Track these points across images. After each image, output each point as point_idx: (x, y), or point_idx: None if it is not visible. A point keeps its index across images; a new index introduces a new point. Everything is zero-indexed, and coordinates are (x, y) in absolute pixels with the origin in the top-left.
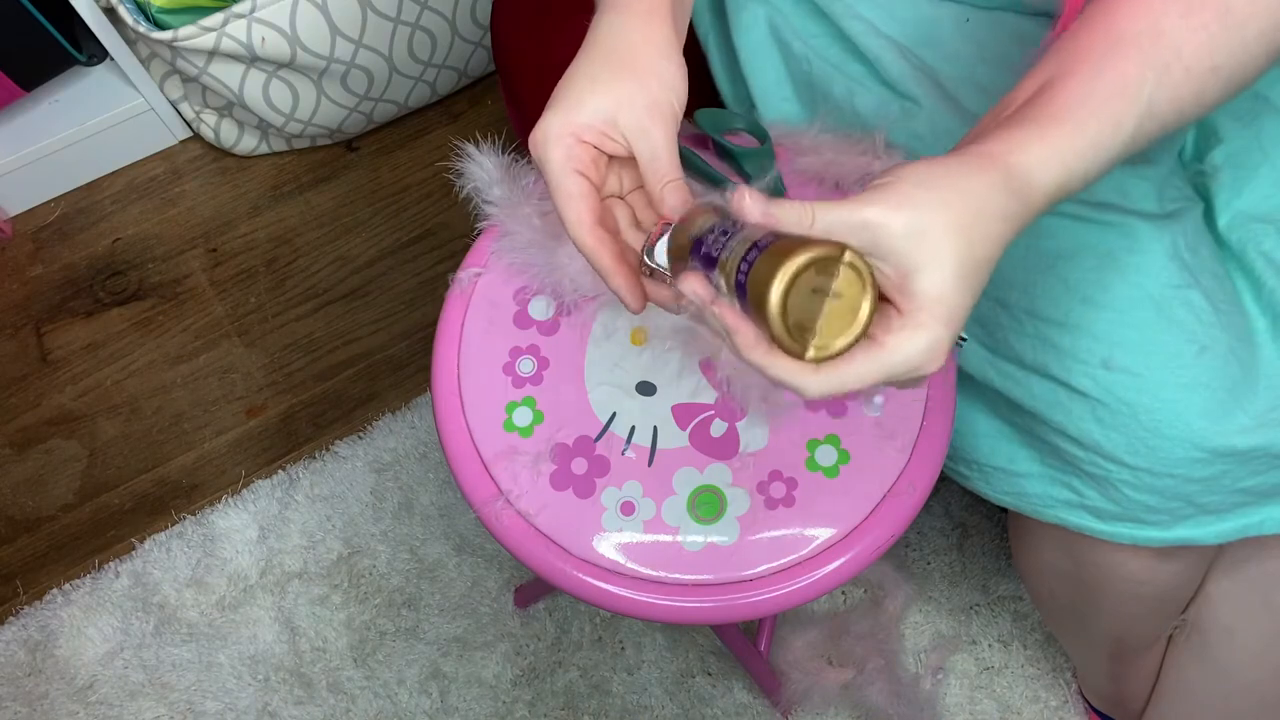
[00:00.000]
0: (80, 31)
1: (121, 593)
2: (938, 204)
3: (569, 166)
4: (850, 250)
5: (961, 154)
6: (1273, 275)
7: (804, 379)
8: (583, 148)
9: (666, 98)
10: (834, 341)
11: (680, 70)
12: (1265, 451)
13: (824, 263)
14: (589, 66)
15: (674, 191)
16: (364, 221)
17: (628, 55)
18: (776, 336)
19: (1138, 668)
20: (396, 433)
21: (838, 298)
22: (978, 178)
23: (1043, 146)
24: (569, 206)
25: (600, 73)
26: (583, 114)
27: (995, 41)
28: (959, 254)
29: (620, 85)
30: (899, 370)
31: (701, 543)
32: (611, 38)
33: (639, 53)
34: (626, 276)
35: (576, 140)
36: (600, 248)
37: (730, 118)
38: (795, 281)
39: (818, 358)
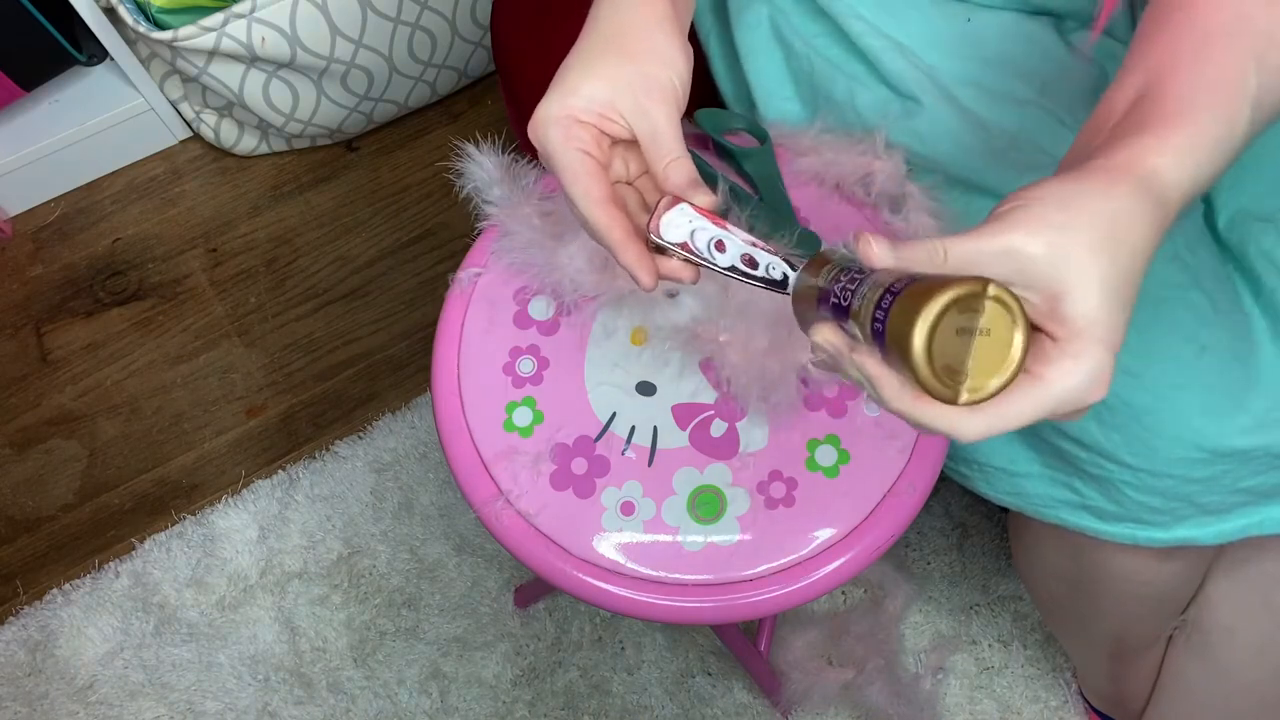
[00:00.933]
0: (80, 31)
1: (121, 593)
2: (1077, 224)
3: (570, 146)
4: (993, 284)
5: (1088, 170)
6: (1273, 275)
7: (961, 424)
8: (582, 128)
9: (665, 75)
10: (988, 382)
11: (682, 49)
12: (1265, 451)
13: (966, 300)
14: (586, 51)
15: (678, 169)
16: (364, 221)
17: (625, 37)
18: (925, 384)
19: (1138, 668)
20: (396, 433)
21: (986, 335)
22: (1113, 191)
23: (1169, 149)
24: (575, 184)
25: (597, 56)
26: (579, 98)
27: (997, 41)
28: (1106, 271)
29: (617, 67)
30: (1063, 403)
31: (701, 543)
32: (609, 21)
33: (636, 34)
34: (638, 251)
35: (574, 121)
36: (612, 223)
37: (730, 118)
38: (938, 324)
39: (971, 400)
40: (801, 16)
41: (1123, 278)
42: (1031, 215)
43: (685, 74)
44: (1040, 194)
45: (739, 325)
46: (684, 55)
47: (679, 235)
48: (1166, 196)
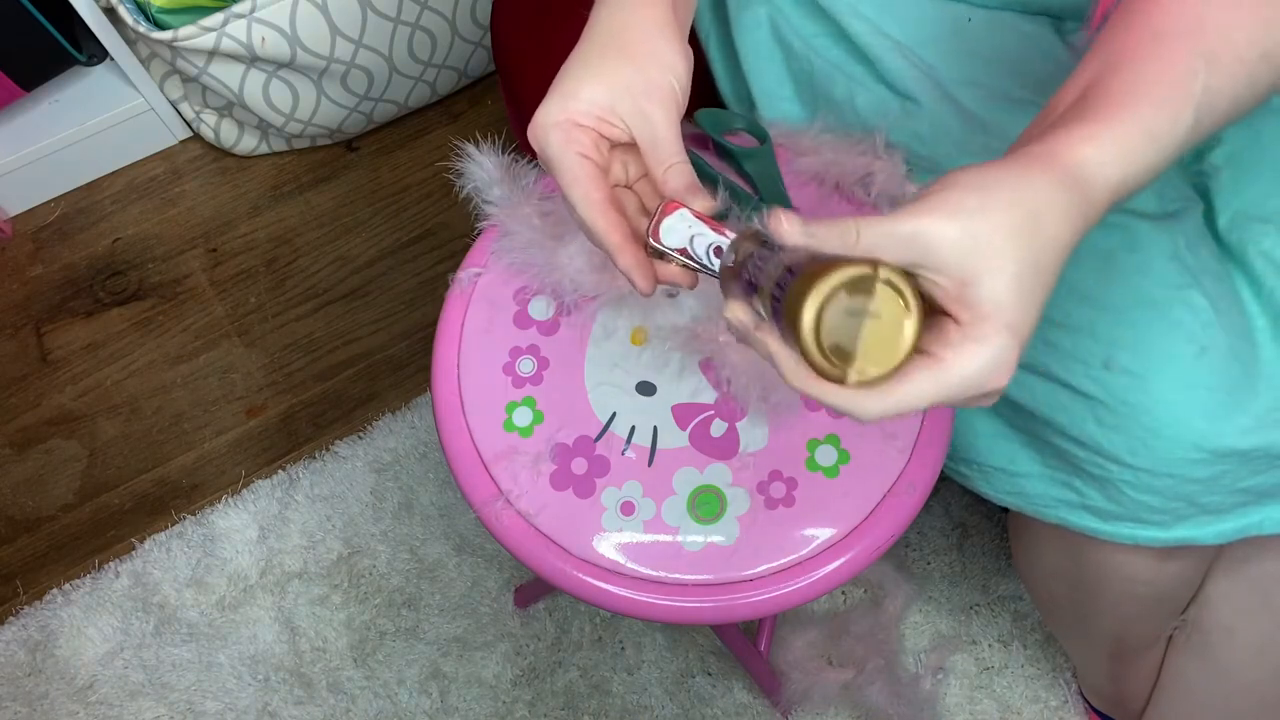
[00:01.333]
0: (80, 31)
1: (121, 593)
2: (992, 208)
3: (569, 150)
4: (885, 266)
5: (1013, 156)
6: (1273, 275)
7: (859, 403)
8: (582, 131)
9: (665, 80)
10: (875, 366)
11: (682, 53)
12: (1265, 451)
13: (857, 282)
14: (585, 54)
15: (677, 174)
16: (364, 221)
17: (624, 40)
18: (813, 363)
19: (1138, 668)
20: (396, 433)
21: (877, 318)
22: (1033, 179)
23: (1098, 140)
24: (574, 187)
25: (596, 60)
26: (579, 102)
27: (996, 41)
28: (1018, 259)
29: (616, 71)
30: (963, 387)
31: (701, 543)
32: (608, 24)
33: (635, 37)
34: (636, 255)
35: (574, 125)
36: (610, 227)
37: (730, 118)
38: (827, 304)
39: (860, 381)
40: (801, 17)
41: (1036, 267)
42: (948, 199)
43: (685, 77)
44: (961, 178)
45: None
46: (684, 58)
47: (678, 240)
48: (1092, 188)
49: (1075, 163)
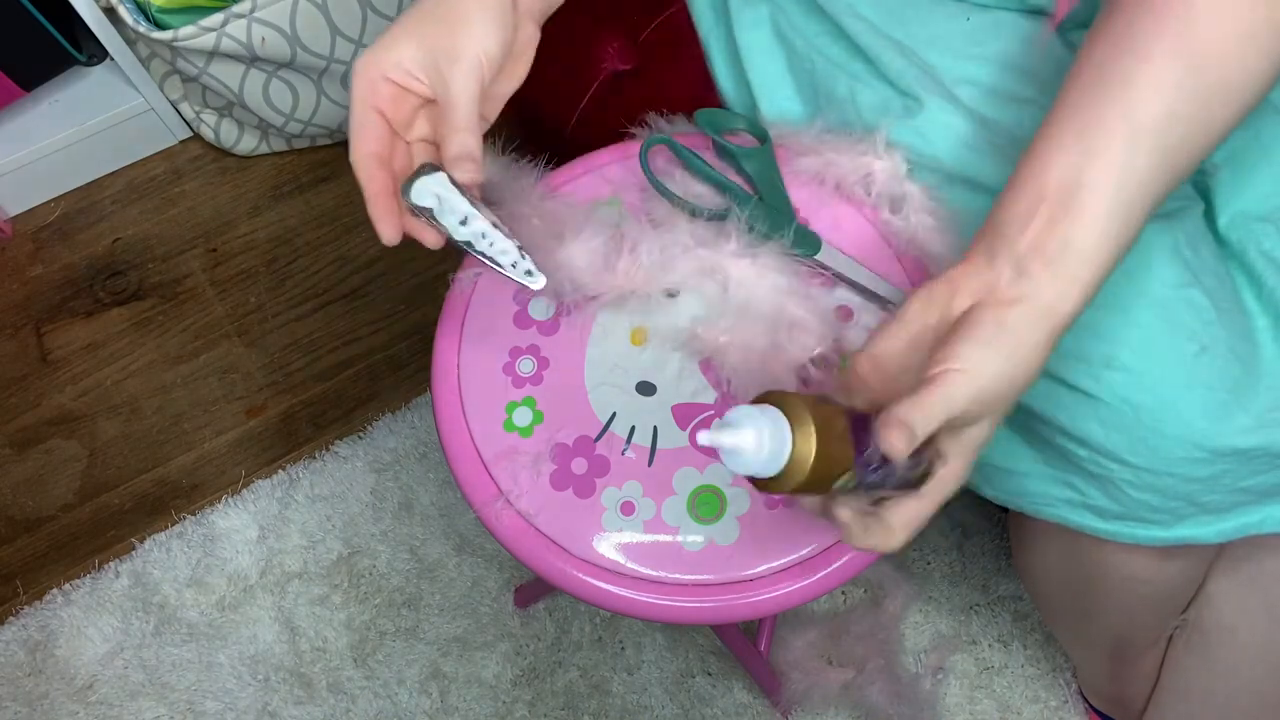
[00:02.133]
0: (80, 31)
1: (121, 593)
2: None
3: (368, 102)
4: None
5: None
6: (1273, 274)
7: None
8: (386, 85)
9: (473, 50)
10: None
11: (498, 26)
12: (1266, 451)
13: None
14: (411, 12)
15: (455, 141)
16: (364, 221)
17: (447, 5)
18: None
19: (1138, 667)
20: (396, 433)
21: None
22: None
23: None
24: (354, 135)
25: (417, 19)
26: (391, 54)
27: (996, 41)
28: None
29: (430, 32)
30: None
31: (701, 543)
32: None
33: (457, 4)
34: (386, 205)
35: (381, 77)
36: (370, 178)
37: (730, 118)
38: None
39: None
40: (802, 15)
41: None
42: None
43: (495, 50)
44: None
45: (739, 325)
46: (498, 31)
47: (425, 201)
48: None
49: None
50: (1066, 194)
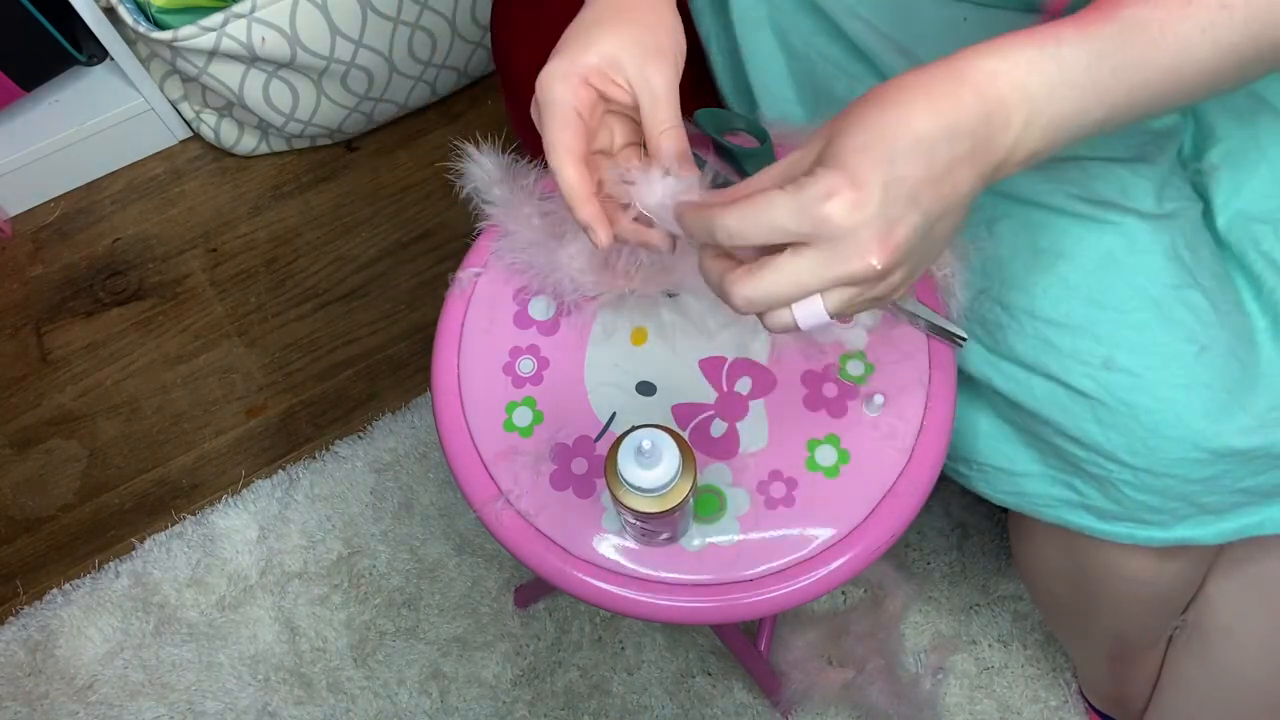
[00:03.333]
0: (80, 31)
1: (121, 593)
2: (849, 112)
3: (570, 103)
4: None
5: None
6: (1272, 275)
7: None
8: (586, 90)
9: (669, 43)
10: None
11: (677, 20)
12: (1265, 451)
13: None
14: (593, 14)
15: (670, 137)
16: (364, 221)
17: (626, 7)
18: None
19: (1138, 667)
20: (396, 433)
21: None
22: (899, 81)
23: (990, 43)
24: (561, 132)
25: (604, 19)
26: (589, 56)
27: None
28: (862, 129)
29: (624, 30)
30: (789, 207)
31: (701, 543)
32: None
33: (637, 4)
34: (597, 209)
35: (582, 82)
36: (579, 179)
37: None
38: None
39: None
40: (801, 15)
41: (881, 136)
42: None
43: (683, 46)
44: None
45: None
46: (680, 28)
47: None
48: (976, 78)
49: (957, 60)
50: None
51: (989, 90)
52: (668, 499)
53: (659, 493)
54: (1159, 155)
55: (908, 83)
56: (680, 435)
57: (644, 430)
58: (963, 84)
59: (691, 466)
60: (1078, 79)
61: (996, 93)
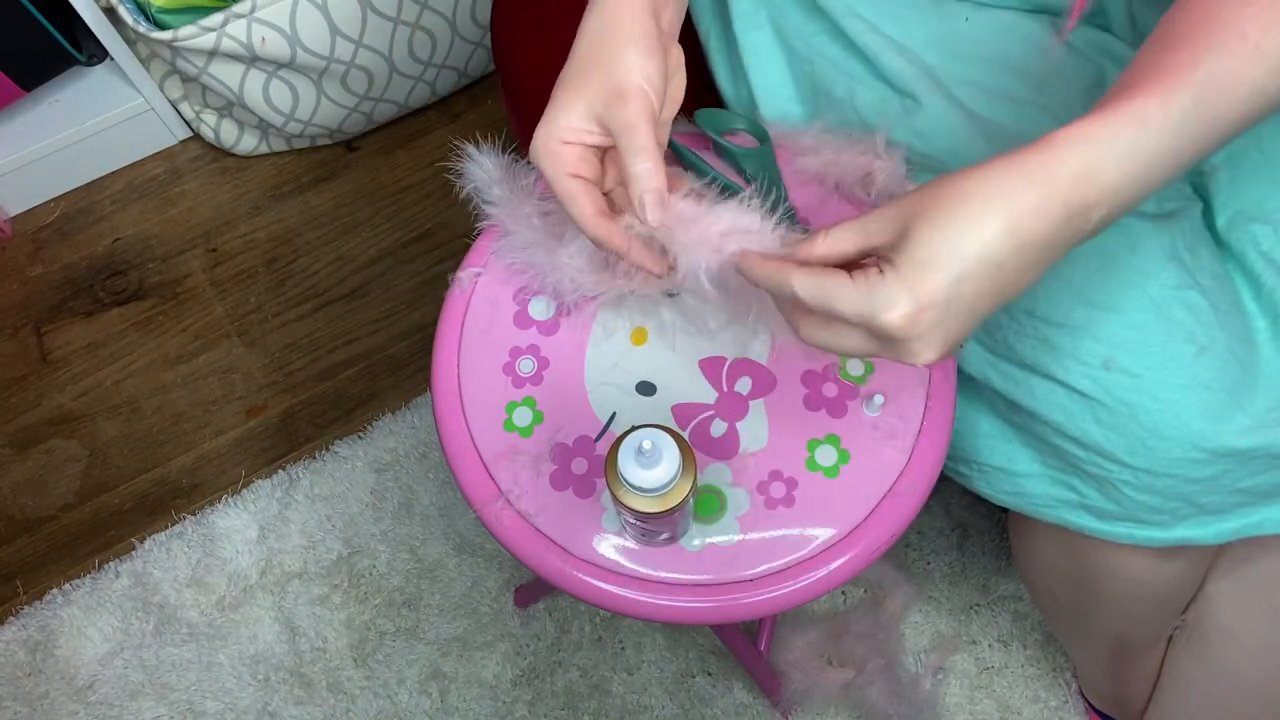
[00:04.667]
0: (80, 31)
1: (121, 593)
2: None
3: (561, 171)
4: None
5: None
6: (1272, 275)
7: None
8: (568, 149)
9: (636, 81)
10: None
11: (649, 52)
12: (1265, 452)
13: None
14: (565, 72)
15: (643, 170)
16: (364, 221)
17: (596, 51)
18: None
19: (1138, 667)
20: (396, 433)
21: None
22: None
23: (1066, 130)
24: (572, 206)
25: (572, 75)
26: (560, 119)
27: (995, 40)
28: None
29: (588, 81)
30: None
31: (701, 543)
32: (583, 38)
33: (606, 47)
34: (641, 250)
35: (561, 145)
36: (610, 234)
37: (730, 118)
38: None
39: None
40: (801, 16)
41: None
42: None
43: (656, 77)
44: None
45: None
46: (652, 58)
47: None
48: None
49: (1033, 152)
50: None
51: (1075, 199)
52: (668, 499)
53: (659, 493)
54: None
55: (994, 176)
56: (680, 435)
57: (644, 430)
58: (1051, 191)
59: (691, 466)
60: (1161, 161)
61: (1083, 200)
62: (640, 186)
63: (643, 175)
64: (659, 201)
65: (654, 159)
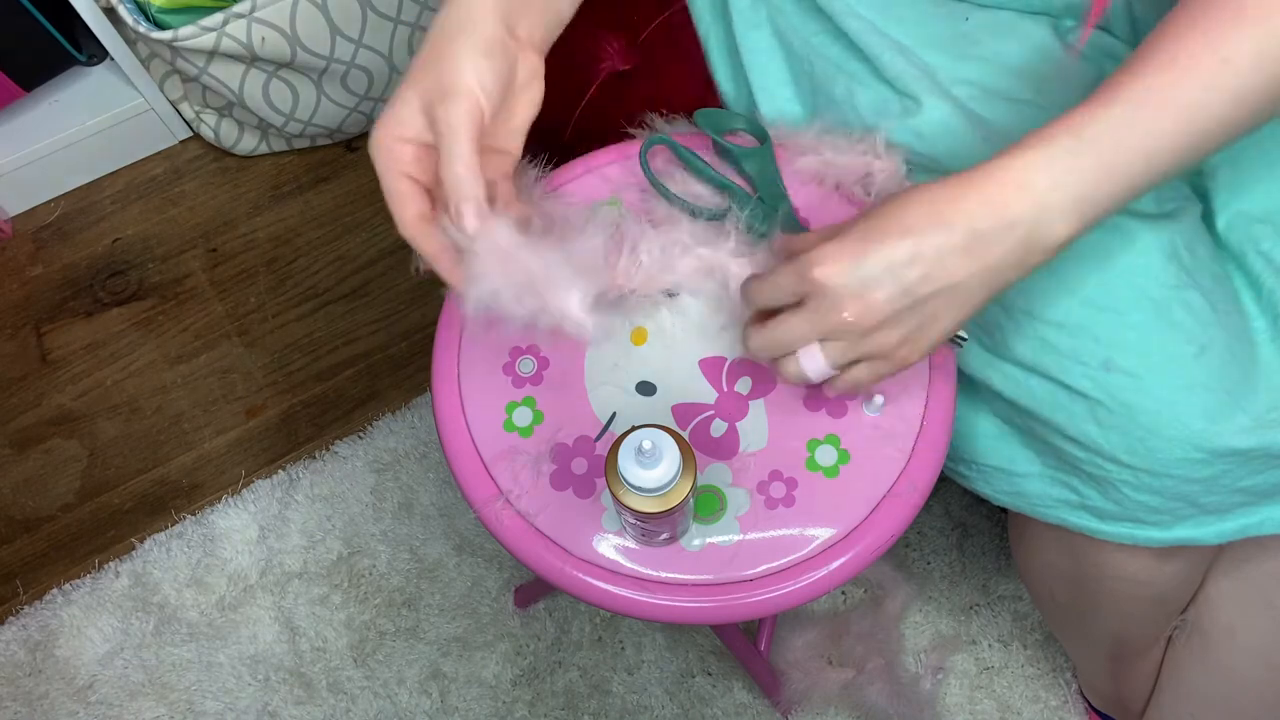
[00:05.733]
0: (80, 31)
1: (121, 593)
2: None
3: (393, 170)
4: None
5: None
6: (1271, 275)
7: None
8: (403, 148)
9: (463, 86)
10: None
11: (489, 59)
12: (1265, 452)
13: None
14: (409, 70)
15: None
16: (364, 221)
17: (434, 50)
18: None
19: (1138, 667)
20: (396, 433)
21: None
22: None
23: (1021, 149)
24: (394, 205)
25: (412, 72)
26: (394, 112)
27: (995, 41)
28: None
29: (423, 79)
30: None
31: (701, 543)
32: (430, 31)
33: (443, 47)
34: (453, 264)
35: (397, 142)
36: (422, 239)
37: (730, 118)
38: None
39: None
40: (800, 15)
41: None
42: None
43: (490, 83)
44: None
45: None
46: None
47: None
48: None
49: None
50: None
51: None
52: (668, 499)
53: (659, 493)
54: None
55: (928, 187)
56: (680, 435)
57: (644, 430)
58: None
59: (692, 466)
60: (1087, 177)
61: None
62: (456, 195)
63: (454, 183)
64: (477, 211)
65: (468, 166)
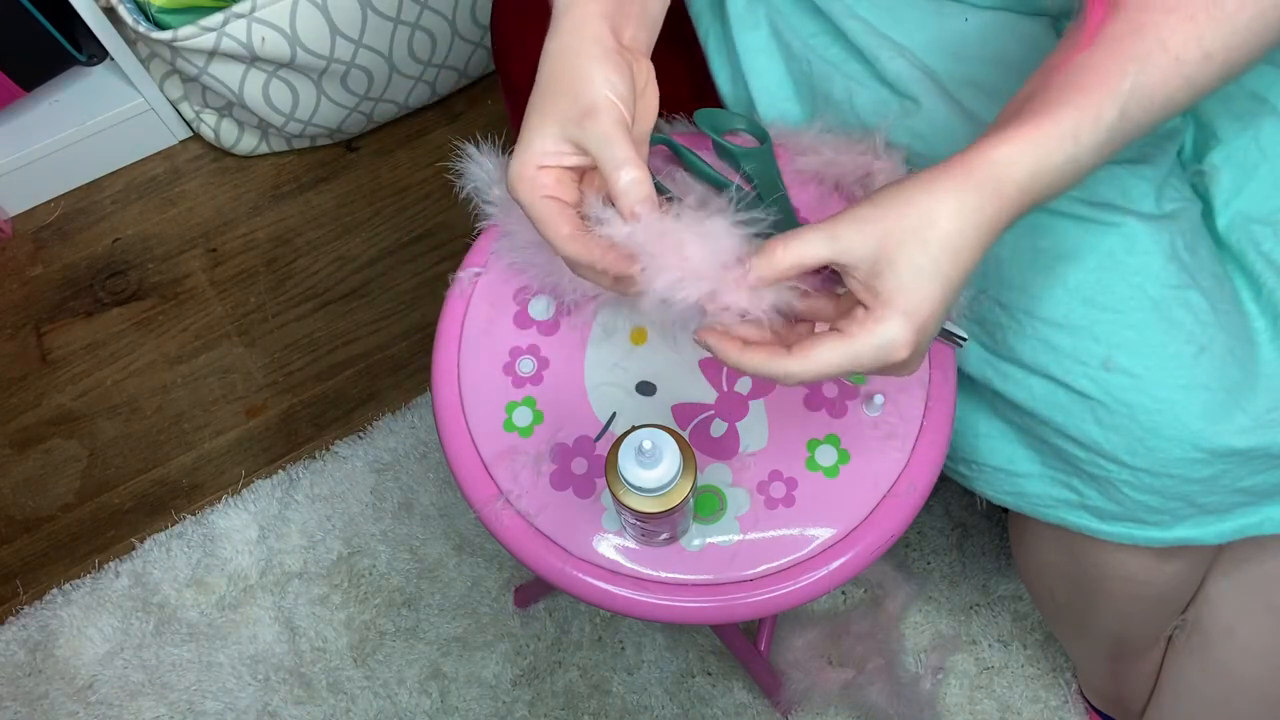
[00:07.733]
0: (80, 31)
1: (121, 593)
2: (889, 217)
3: (537, 196)
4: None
5: (929, 168)
6: (1272, 276)
7: (782, 366)
8: (544, 174)
9: (604, 97)
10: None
11: (616, 69)
12: (1265, 451)
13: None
14: (532, 97)
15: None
16: (364, 221)
17: (560, 72)
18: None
19: (1138, 667)
20: (396, 433)
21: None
22: (932, 185)
23: (1010, 143)
24: (547, 229)
25: (540, 100)
26: (533, 146)
27: (994, 41)
28: (912, 258)
29: (556, 104)
30: (865, 357)
31: (701, 543)
32: (546, 61)
33: (569, 67)
34: (618, 258)
35: (537, 170)
36: (583, 249)
37: (730, 118)
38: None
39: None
40: (799, 16)
41: (932, 262)
42: (856, 213)
43: (625, 91)
44: (872, 195)
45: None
46: (617, 70)
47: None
48: (1001, 187)
49: (982, 164)
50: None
51: (1019, 208)
52: (668, 499)
53: (659, 493)
54: (1159, 156)
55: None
56: (680, 435)
57: (644, 430)
58: (1002, 203)
59: (692, 466)
60: (1085, 170)
61: (1022, 208)
62: (630, 199)
63: (629, 187)
64: (653, 208)
65: (638, 168)
